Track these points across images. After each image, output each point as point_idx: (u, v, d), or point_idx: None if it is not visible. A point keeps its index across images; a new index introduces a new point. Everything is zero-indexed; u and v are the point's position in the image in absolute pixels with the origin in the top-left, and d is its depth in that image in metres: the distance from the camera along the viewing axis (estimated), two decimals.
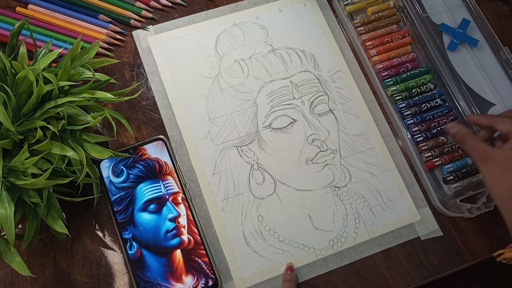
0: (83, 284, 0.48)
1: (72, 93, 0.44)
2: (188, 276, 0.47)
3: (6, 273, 0.47)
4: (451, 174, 0.53)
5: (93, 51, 0.47)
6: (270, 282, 0.49)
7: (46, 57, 0.43)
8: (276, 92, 0.56)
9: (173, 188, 0.50)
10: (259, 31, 0.60)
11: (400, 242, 0.51)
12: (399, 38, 0.59)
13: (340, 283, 0.49)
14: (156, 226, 0.48)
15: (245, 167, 0.53)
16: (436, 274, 0.50)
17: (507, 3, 0.65)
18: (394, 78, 0.57)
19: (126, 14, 0.58)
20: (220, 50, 0.58)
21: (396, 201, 0.53)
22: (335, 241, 0.51)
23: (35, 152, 0.40)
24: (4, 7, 0.57)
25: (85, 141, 0.43)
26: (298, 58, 0.58)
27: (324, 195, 0.52)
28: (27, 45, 0.51)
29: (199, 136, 0.54)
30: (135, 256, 0.47)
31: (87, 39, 0.56)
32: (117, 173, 0.50)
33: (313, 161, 0.54)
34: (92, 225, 0.50)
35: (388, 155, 0.55)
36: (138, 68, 0.57)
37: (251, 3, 0.61)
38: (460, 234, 0.52)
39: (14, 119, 0.41)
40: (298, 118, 0.55)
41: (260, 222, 0.51)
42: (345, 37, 0.61)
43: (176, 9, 0.60)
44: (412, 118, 0.55)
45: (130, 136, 0.54)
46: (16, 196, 0.40)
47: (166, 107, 0.55)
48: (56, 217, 0.42)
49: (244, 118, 0.55)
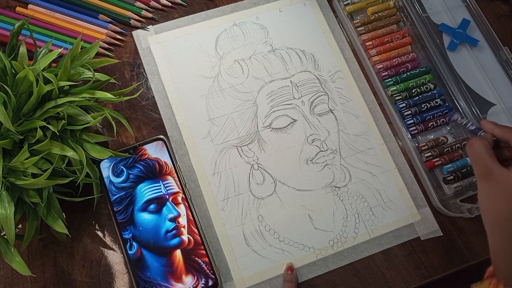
0: (83, 284, 0.48)
1: (72, 93, 0.44)
2: (188, 276, 0.47)
3: (6, 273, 0.47)
4: (451, 174, 0.53)
5: (93, 51, 0.47)
6: (270, 282, 0.49)
7: (46, 57, 0.43)
8: (276, 92, 0.56)
9: (173, 188, 0.50)
10: (259, 31, 0.60)
11: (400, 242, 0.51)
12: (399, 38, 0.59)
13: (340, 283, 0.49)
14: (156, 226, 0.48)
15: (245, 167, 0.53)
16: (436, 274, 0.50)
17: (507, 3, 0.65)
18: (394, 78, 0.57)
19: (126, 14, 0.58)
20: (220, 50, 0.58)
21: (396, 201, 0.53)
22: (335, 241, 0.51)
23: (35, 152, 0.40)
24: (4, 7, 0.57)
25: (85, 141, 0.43)
26: (298, 58, 0.58)
27: (324, 195, 0.52)
28: (27, 45, 0.51)
29: (199, 136, 0.54)
30: (135, 256, 0.47)
31: (87, 39, 0.56)
32: (117, 173, 0.50)
33: (313, 161, 0.54)
34: (92, 225, 0.50)
35: (388, 155, 0.55)
36: (138, 68, 0.57)
37: (251, 3, 0.61)
38: (460, 234, 0.52)
39: (14, 119, 0.41)
40: (298, 118, 0.55)
41: (260, 222, 0.51)
42: (345, 37, 0.61)
43: (176, 9, 0.60)
44: (412, 118, 0.55)
45: (130, 136, 0.54)
46: (16, 196, 0.40)
47: (166, 107, 0.55)
48: (56, 217, 0.42)
49: (244, 118, 0.55)
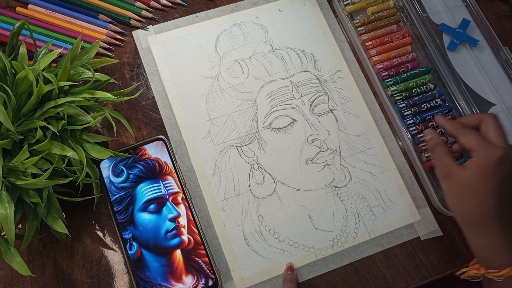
0: (83, 284, 0.48)
1: (72, 93, 0.44)
2: (188, 276, 0.47)
3: (6, 273, 0.47)
4: None
5: (93, 51, 0.47)
6: (270, 282, 0.49)
7: (46, 57, 0.43)
8: (276, 92, 0.56)
9: (173, 188, 0.50)
10: (259, 31, 0.60)
11: (400, 242, 0.51)
12: (399, 38, 0.59)
13: (340, 283, 0.49)
14: (156, 226, 0.48)
15: (245, 167, 0.53)
16: (436, 274, 0.50)
17: (507, 3, 0.65)
18: (394, 78, 0.57)
19: (126, 14, 0.58)
20: (220, 50, 0.58)
21: (396, 201, 0.53)
22: (335, 241, 0.51)
23: (35, 152, 0.40)
24: (4, 7, 0.57)
25: (85, 141, 0.43)
26: (298, 58, 0.58)
27: (324, 195, 0.52)
28: (27, 45, 0.51)
29: (199, 136, 0.54)
30: (135, 256, 0.47)
31: (87, 39, 0.56)
32: (117, 173, 0.50)
33: (313, 161, 0.54)
34: (92, 225, 0.50)
35: (388, 155, 0.55)
36: (138, 68, 0.57)
37: (251, 3, 0.61)
38: (460, 234, 0.52)
39: (14, 119, 0.41)
40: (298, 118, 0.55)
41: (260, 222, 0.51)
42: (345, 37, 0.61)
43: (176, 9, 0.60)
44: (412, 118, 0.55)
45: (130, 136, 0.54)
46: (16, 196, 0.40)
47: (166, 107, 0.55)
48: (56, 217, 0.42)
49: (244, 118, 0.55)
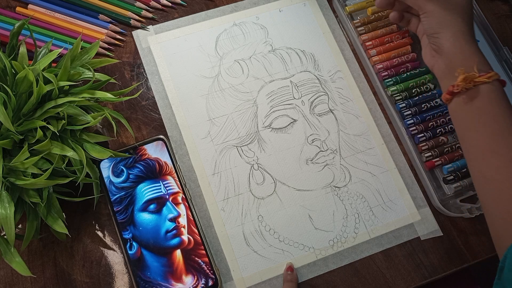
0: (83, 284, 0.48)
1: (72, 93, 0.44)
2: (188, 276, 0.47)
3: (6, 273, 0.47)
4: (451, 174, 0.52)
5: (93, 51, 0.47)
6: (270, 282, 0.49)
7: (46, 57, 0.43)
8: (276, 92, 0.56)
9: (173, 188, 0.50)
10: (259, 31, 0.60)
11: (400, 242, 0.51)
12: (399, 38, 0.59)
13: (340, 283, 0.49)
14: (156, 226, 0.48)
15: (245, 167, 0.53)
16: (436, 274, 0.50)
17: (507, 3, 0.65)
18: (394, 78, 0.57)
19: (126, 14, 0.58)
20: (220, 50, 0.58)
21: (396, 201, 0.53)
22: (335, 241, 0.51)
23: (35, 152, 0.40)
24: (4, 7, 0.57)
25: (85, 141, 0.43)
26: (298, 58, 0.58)
27: (324, 195, 0.52)
28: (27, 45, 0.51)
29: (199, 136, 0.54)
30: (135, 256, 0.47)
31: (87, 39, 0.56)
32: (117, 173, 0.50)
33: (313, 161, 0.54)
34: (92, 225, 0.50)
35: (388, 155, 0.55)
36: (138, 68, 0.57)
37: (251, 3, 0.61)
38: (460, 234, 0.52)
39: (14, 119, 0.41)
40: (298, 118, 0.55)
41: (260, 222, 0.51)
42: (345, 37, 0.61)
43: (176, 9, 0.60)
44: (412, 118, 0.55)
45: (130, 136, 0.54)
46: (16, 196, 0.40)
47: (166, 107, 0.55)
48: (56, 217, 0.42)
49: (244, 118, 0.55)
